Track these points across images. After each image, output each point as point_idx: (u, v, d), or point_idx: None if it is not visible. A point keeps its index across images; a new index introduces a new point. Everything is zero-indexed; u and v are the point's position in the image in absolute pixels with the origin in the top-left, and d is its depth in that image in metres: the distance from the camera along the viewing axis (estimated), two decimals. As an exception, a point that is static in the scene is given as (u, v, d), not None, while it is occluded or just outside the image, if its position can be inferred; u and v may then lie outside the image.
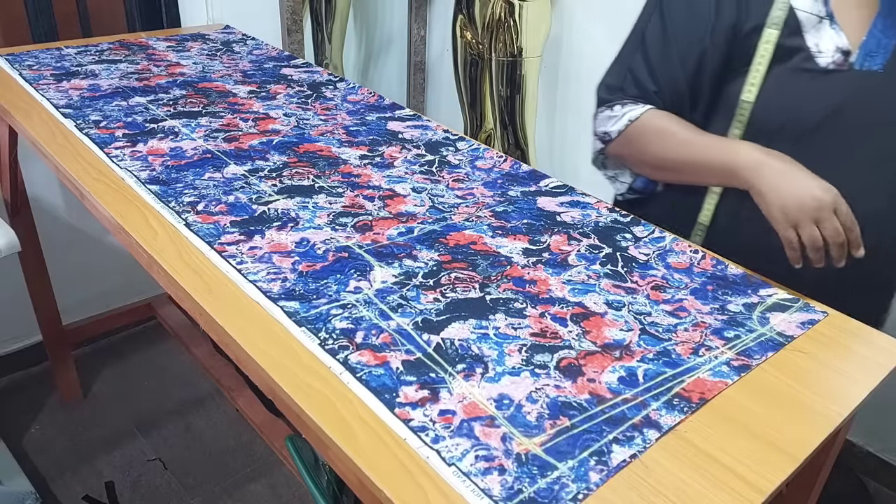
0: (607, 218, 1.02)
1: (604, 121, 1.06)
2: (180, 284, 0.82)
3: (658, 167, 1.03)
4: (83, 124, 1.20)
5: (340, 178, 1.08)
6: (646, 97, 1.03)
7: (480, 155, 1.19)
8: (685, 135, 0.98)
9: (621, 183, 1.14)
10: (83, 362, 1.99)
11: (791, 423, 0.67)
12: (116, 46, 1.63)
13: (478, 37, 1.97)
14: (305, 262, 0.86)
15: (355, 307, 0.79)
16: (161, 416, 1.86)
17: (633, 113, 1.02)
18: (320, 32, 2.20)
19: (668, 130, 0.99)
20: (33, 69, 1.44)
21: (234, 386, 1.58)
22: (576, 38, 1.93)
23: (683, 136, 0.98)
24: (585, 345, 0.75)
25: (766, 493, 0.60)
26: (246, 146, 1.16)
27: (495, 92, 1.96)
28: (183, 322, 1.83)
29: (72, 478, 1.66)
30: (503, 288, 0.84)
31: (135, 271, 1.48)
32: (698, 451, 0.64)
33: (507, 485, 0.58)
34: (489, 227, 0.97)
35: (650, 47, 1.02)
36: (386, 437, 0.63)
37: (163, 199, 0.98)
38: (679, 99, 1.02)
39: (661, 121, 1.01)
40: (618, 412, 0.67)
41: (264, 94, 1.39)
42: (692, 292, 0.86)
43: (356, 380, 0.69)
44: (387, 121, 1.31)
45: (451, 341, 0.74)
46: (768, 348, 0.77)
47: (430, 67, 2.40)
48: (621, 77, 1.06)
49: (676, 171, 1.00)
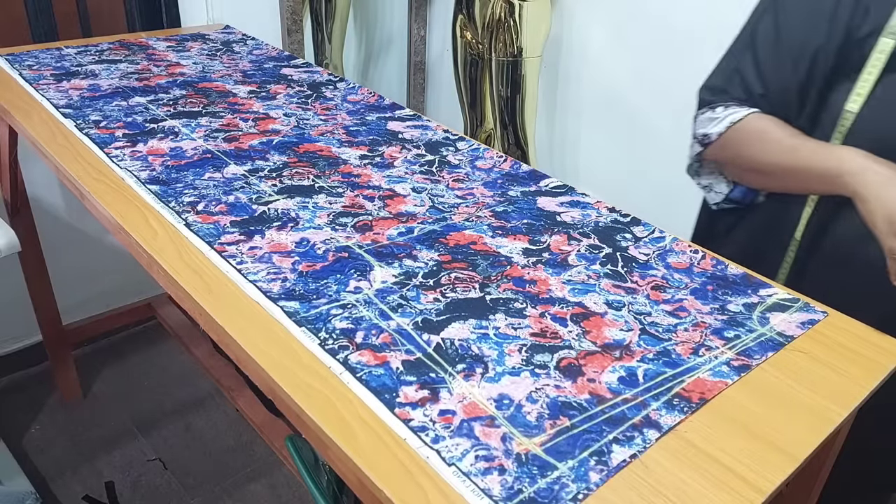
0: (607, 218, 1.02)
1: (704, 123, 1.02)
2: (180, 284, 0.82)
3: (758, 171, 0.99)
4: (83, 124, 1.20)
5: (340, 178, 1.08)
6: (751, 100, 0.99)
7: (480, 155, 1.19)
8: (787, 139, 0.94)
9: (716, 193, 1.10)
10: (83, 362, 1.99)
11: (791, 423, 0.67)
12: (116, 46, 1.63)
13: (478, 37, 1.97)
14: (305, 262, 0.86)
15: (355, 307, 0.79)
16: (161, 416, 1.86)
17: (735, 115, 0.98)
18: (320, 32, 2.20)
19: (771, 134, 0.95)
20: (33, 69, 1.44)
21: (234, 386, 1.58)
22: (576, 38, 1.93)
23: (786, 139, 0.94)
24: (585, 345, 0.75)
25: (766, 493, 0.60)
26: (246, 146, 1.16)
27: (495, 92, 1.96)
28: (183, 322, 1.83)
29: (72, 478, 1.66)
30: (503, 288, 0.84)
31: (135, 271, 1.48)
32: (698, 451, 0.64)
33: (507, 485, 0.58)
34: (489, 227, 0.97)
35: (761, 48, 0.98)
36: (386, 437, 0.63)
37: (163, 199, 0.98)
38: (787, 103, 0.98)
39: (764, 124, 0.97)
40: (618, 412, 0.67)
41: (264, 94, 1.39)
42: (692, 292, 0.86)
43: (356, 380, 0.69)
44: (387, 121, 1.31)
45: (451, 341, 0.74)
46: (768, 348, 0.77)
47: (430, 67, 2.40)
48: (726, 78, 1.03)
49: (777, 175, 0.97)
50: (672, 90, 1.77)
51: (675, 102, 1.77)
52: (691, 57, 1.70)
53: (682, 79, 1.74)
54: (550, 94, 2.05)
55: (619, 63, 1.87)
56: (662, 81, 1.78)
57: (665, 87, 1.78)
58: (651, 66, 1.80)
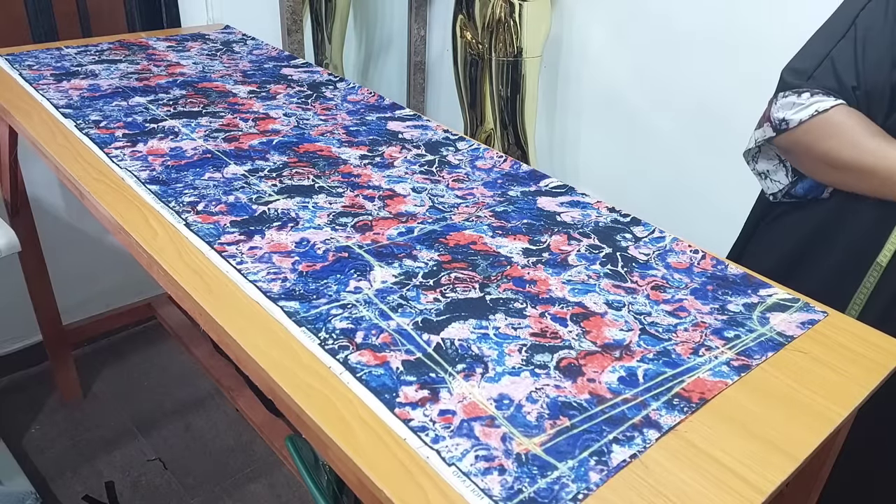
0: (607, 218, 1.02)
1: (786, 106, 0.97)
2: (180, 284, 0.82)
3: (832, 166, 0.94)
4: (83, 124, 1.20)
5: (340, 178, 1.08)
6: (840, 91, 0.94)
7: (480, 155, 1.19)
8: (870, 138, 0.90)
9: (773, 181, 1.06)
10: (83, 362, 1.99)
11: (791, 423, 0.67)
12: (116, 46, 1.63)
13: (478, 37, 1.97)
14: (305, 262, 0.86)
15: (355, 307, 0.79)
16: (161, 416, 1.86)
17: (822, 104, 0.93)
18: (320, 32, 2.20)
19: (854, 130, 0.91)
20: (33, 69, 1.44)
21: (234, 386, 1.58)
22: (576, 38, 1.94)
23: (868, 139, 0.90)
24: (585, 345, 0.75)
25: (766, 493, 0.60)
26: (246, 146, 1.16)
27: (495, 92, 1.96)
28: (183, 322, 1.83)
29: (72, 478, 1.66)
30: (503, 288, 0.84)
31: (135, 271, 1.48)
32: (698, 451, 0.64)
33: (507, 485, 0.58)
34: (489, 227, 0.97)
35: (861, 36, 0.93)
36: (386, 437, 0.63)
37: (163, 199, 0.98)
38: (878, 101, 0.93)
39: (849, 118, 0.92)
40: (618, 412, 0.67)
41: (264, 94, 1.39)
42: (692, 292, 0.86)
43: (356, 380, 0.69)
44: (387, 121, 1.31)
45: (451, 341, 0.74)
46: (768, 348, 0.77)
47: (430, 67, 2.40)
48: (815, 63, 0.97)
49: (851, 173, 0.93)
50: (672, 90, 1.77)
51: (675, 102, 1.77)
52: (691, 57, 1.70)
53: (682, 79, 1.74)
54: (550, 94, 2.05)
55: (619, 63, 1.87)
56: (662, 81, 1.78)
57: (665, 87, 1.78)
58: (651, 66, 1.80)
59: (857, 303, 1.00)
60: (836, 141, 0.93)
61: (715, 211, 1.74)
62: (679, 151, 1.81)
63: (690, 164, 1.79)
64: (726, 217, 1.41)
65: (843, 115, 0.93)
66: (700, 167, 1.76)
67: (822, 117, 0.94)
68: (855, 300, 1.00)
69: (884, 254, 0.96)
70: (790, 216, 1.07)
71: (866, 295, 0.99)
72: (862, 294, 0.99)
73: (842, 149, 0.93)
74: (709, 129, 1.71)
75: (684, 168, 1.81)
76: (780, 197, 1.06)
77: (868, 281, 0.97)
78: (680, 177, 1.83)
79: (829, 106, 0.94)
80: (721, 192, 1.71)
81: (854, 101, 0.94)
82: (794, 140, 0.98)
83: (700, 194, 1.79)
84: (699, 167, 1.77)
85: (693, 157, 1.78)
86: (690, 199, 1.83)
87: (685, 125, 1.77)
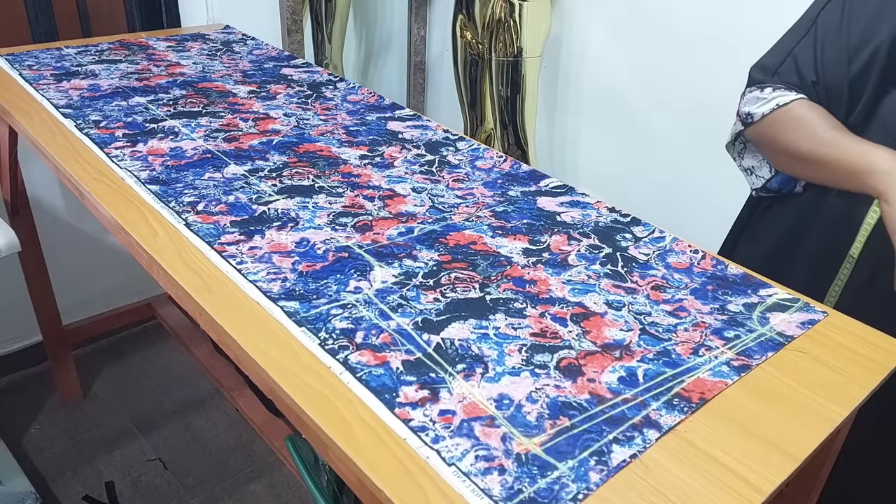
0: (607, 218, 1.02)
1: (751, 101, 1.02)
2: (180, 284, 0.82)
3: (792, 158, 0.99)
4: (83, 124, 1.20)
5: (340, 178, 1.08)
6: (802, 86, 0.98)
7: (480, 155, 1.20)
8: (827, 130, 0.93)
9: (758, 177, 1.09)
10: (83, 362, 1.99)
11: (791, 423, 0.67)
12: (116, 46, 1.63)
13: (478, 37, 1.97)
14: (305, 262, 0.86)
15: (355, 307, 0.79)
16: (161, 416, 1.86)
17: (782, 98, 0.98)
18: (320, 32, 2.20)
19: (812, 122, 0.95)
20: (33, 69, 1.44)
21: (234, 386, 1.58)
22: (576, 38, 1.94)
23: (825, 130, 0.94)
24: (585, 345, 0.75)
25: (766, 493, 0.60)
26: (246, 146, 1.16)
27: (495, 92, 1.96)
28: (183, 322, 1.83)
29: (72, 478, 1.66)
30: (503, 288, 0.84)
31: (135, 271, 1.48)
32: (698, 451, 0.64)
33: (507, 485, 0.58)
34: (489, 227, 0.97)
35: (820, 35, 0.97)
36: (386, 437, 0.63)
37: (163, 199, 0.98)
38: (836, 96, 0.97)
39: (808, 111, 0.96)
40: (618, 412, 0.67)
41: (264, 94, 1.39)
42: (692, 292, 0.86)
43: (356, 380, 0.69)
44: (387, 121, 1.31)
45: (451, 341, 0.74)
46: (768, 348, 0.77)
47: (430, 67, 2.40)
48: (780, 60, 1.01)
49: (809, 165, 0.96)
50: (672, 90, 1.77)
51: (675, 102, 1.77)
52: (691, 57, 1.70)
53: (682, 79, 1.74)
54: (550, 94, 2.05)
55: (619, 63, 1.87)
56: (662, 81, 1.78)
57: (665, 87, 1.78)
58: (651, 66, 1.80)
59: (833, 295, 1.02)
60: (796, 133, 0.97)
61: (714, 211, 1.74)
62: (679, 151, 1.81)
63: (690, 163, 1.79)
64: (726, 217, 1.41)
65: (802, 109, 0.97)
66: (700, 167, 1.76)
67: (782, 111, 0.98)
68: (830, 292, 1.02)
69: (855, 246, 0.99)
70: (772, 210, 1.10)
71: (840, 287, 1.01)
72: (836, 286, 1.01)
73: (800, 141, 0.96)
74: (709, 129, 1.71)
75: (684, 168, 1.81)
76: (760, 192, 1.10)
77: (842, 273, 1.00)
78: (679, 177, 1.83)
79: (790, 100, 0.98)
80: (721, 192, 1.71)
81: (815, 95, 0.98)
82: (759, 133, 1.02)
83: (699, 194, 1.79)
84: (699, 167, 1.77)
85: (693, 157, 1.78)
86: (690, 199, 1.83)
87: (685, 125, 1.77)
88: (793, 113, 0.97)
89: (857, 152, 0.90)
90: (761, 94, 1.01)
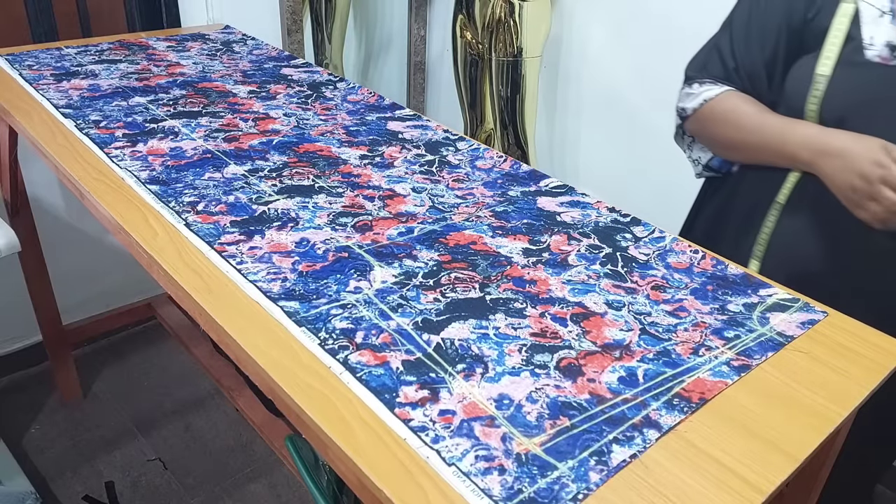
0: (607, 218, 1.02)
1: (683, 97, 1.09)
2: (180, 284, 0.82)
3: (728, 147, 1.06)
4: (83, 124, 1.20)
5: (340, 178, 1.08)
6: (726, 75, 1.05)
7: (480, 155, 1.19)
8: (754, 116, 1.00)
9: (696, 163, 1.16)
10: (83, 362, 1.99)
11: (791, 423, 0.67)
12: (116, 46, 1.63)
13: (478, 37, 1.97)
14: (305, 262, 0.86)
15: (355, 307, 0.79)
16: (161, 416, 1.86)
17: (709, 93, 1.04)
18: (320, 32, 2.20)
19: (739, 112, 1.01)
20: (33, 69, 1.44)
21: (234, 386, 1.58)
22: (576, 38, 1.94)
23: (752, 118, 1.00)
24: (585, 345, 0.75)
25: (766, 493, 0.60)
26: (246, 146, 1.16)
27: (495, 92, 1.96)
28: (183, 322, 1.83)
29: (72, 478, 1.66)
30: (503, 288, 0.84)
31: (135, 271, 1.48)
32: (698, 451, 0.64)
33: (507, 485, 0.58)
34: (489, 227, 0.97)
35: (735, 26, 1.05)
36: (386, 437, 0.63)
37: (163, 199, 0.98)
38: (756, 78, 1.03)
39: (734, 102, 1.02)
40: (618, 412, 0.67)
41: (264, 94, 1.39)
42: (692, 292, 0.86)
43: (356, 380, 0.69)
44: (387, 121, 1.31)
45: (451, 341, 0.74)
46: (768, 348, 0.77)
47: (430, 67, 2.40)
48: (706, 54, 1.09)
49: (744, 152, 1.03)
50: (672, 90, 1.76)
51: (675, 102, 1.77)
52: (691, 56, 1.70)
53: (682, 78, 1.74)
54: (550, 94, 2.05)
55: (619, 62, 1.87)
56: (662, 81, 1.78)
57: (665, 87, 1.78)
58: (651, 66, 1.80)
59: (761, 243, 1.06)
60: (724, 126, 1.04)
61: (715, 211, 1.74)
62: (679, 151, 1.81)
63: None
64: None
65: (728, 102, 1.03)
66: (700, 167, 1.76)
67: (708, 106, 1.05)
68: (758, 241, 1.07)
69: (783, 192, 1.03)
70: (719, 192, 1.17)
71: (769, 234, 1.06)
72: (764, 234, 1.06)
73: (728, 132, 1.03)
74: (709, 129, 1.71)
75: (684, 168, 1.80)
76: (704, 172, 1.17)
77: (769, 220, 1.05)
78: (679, 177, 1.83)
79: (715, 94, 1.04)
80: (721, 192, 1.71)
81: (739, 83, 1.05)
82: (693, 128, 1.10)
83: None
84: (699, 167, 1.76)
85: (693, 157, 1.77)
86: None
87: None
88: (719, 107, 1.04)
89: (780, 134, 0.97)
90: (690, 90, 1.08)
